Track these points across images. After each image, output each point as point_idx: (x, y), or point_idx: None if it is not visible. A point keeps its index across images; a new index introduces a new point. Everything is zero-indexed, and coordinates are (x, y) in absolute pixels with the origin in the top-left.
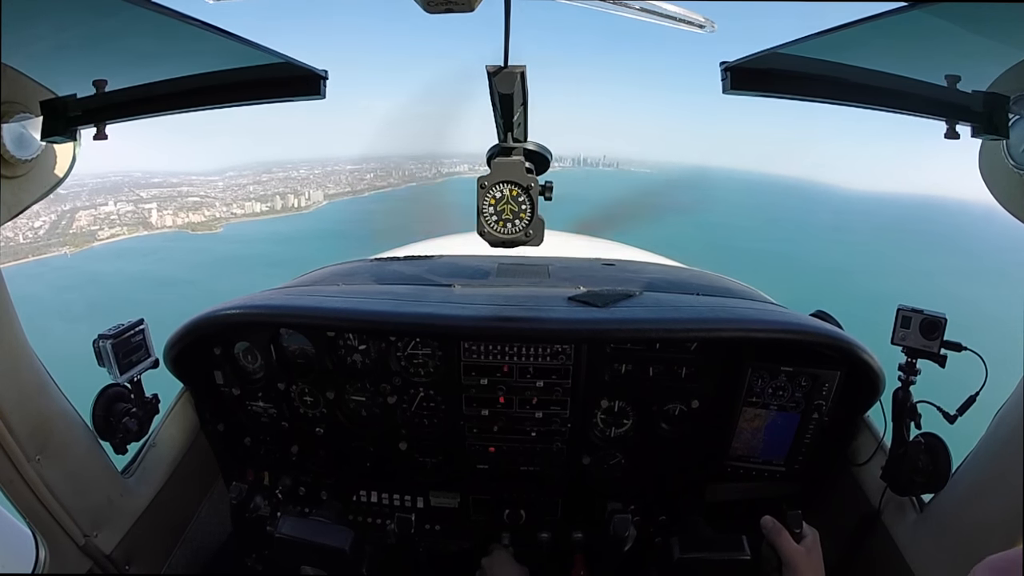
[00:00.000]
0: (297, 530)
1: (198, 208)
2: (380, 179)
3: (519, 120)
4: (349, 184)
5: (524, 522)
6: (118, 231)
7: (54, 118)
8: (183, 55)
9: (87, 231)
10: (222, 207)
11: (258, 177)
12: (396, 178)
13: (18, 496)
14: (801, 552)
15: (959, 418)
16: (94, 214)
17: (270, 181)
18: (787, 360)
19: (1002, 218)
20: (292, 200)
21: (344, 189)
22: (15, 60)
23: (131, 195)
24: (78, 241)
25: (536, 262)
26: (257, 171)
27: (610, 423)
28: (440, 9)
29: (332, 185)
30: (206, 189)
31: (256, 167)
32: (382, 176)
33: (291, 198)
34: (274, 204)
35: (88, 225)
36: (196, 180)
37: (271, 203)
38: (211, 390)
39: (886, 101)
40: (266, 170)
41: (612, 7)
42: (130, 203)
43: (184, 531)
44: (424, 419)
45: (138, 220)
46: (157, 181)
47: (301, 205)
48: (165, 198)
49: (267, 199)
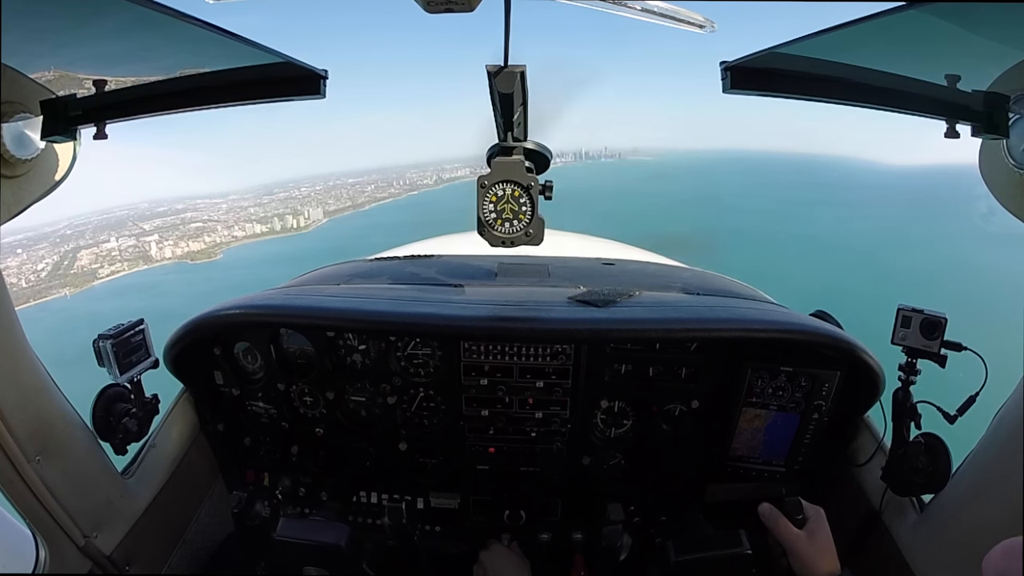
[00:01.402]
0: (295, 531)
1: (199, 235)
2: (381, 190)
3: (519, 120)
4: (350, 198)
5: (524, 523)
6: (119, 267)
7: (54, 118)
8: (183, 55)
9: (88, 270)
10: (223, 231)
11: (259, 199)
12: (397, 188)
13: (18, 497)
14: (802, 537)
15: (959, 418)
16: (96, 252)
17: (271, 202)
18: (787, 360)
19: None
20: (291, 221)
21: (345, 204)
22: (15, 60)
23: (134, 229)
24: (79, 281)
25: (536, 262)
26: (258, 193)
27: (610, 423)
28: (440, 9)
29: (333, 201)
30: (208, 213)
31: (257, 189)
32: (382, 187)
33: (289, 219)
34: (273, 225)
35: (90, 264)
36: (200, 204)
37: (270, 224)
38: (211, 390)
39: (886, 100)
40: (267, 192)
41: (612, 7)
42: (132, 237)
43: (184, 532)
44: (424, 419)
45: (138, 255)
46: (162, 210)
47: (301, 225)
48: (168, 228)
49: (266, 220)
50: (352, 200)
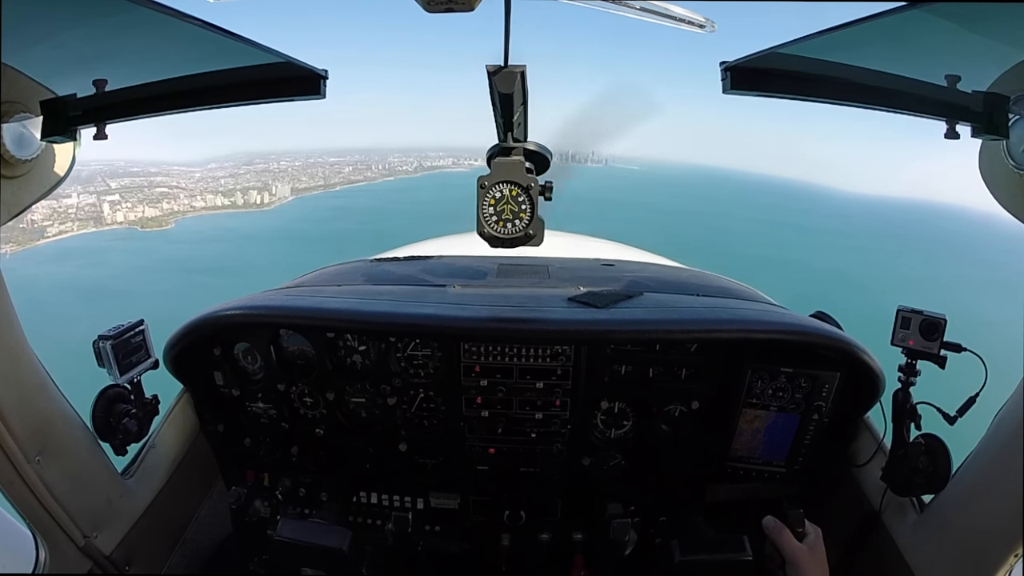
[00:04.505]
0: (295, 532)
1: (158, 201)
2: (358, 172)
3: (519, 120)
4: (324, 177)
5: (524, 523)
6: (68, 227)
7: (54, 118)
8: (183, 55)
9: (38, 227)
10: (185, 199)
11: (236, 169)
12: (374, 171)
13: (18, 497)
14: (803, 550)
15: (959, 419)
16: (54, 207)
17: (246, 174)
18: (787, 361)
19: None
20: (255, 196)
21: (317, 183)
22: (15, 60)
23: (100, 185)
24: (23, 239)
25: (536, 262)
26: (237, 163)
27: (610, 424)
28: (440, 9)
29: (306, 178)
30: (179, 180)
31: (238, 158)
32: (360, 169)
33: (253, 194)
34: (236, 199)
35: (42, 220)
36: (175, 171)
37: (233, 198)
38: (211, 391)
39: (886, 101)
40: (247, 162)
41: (612, 7)
42: (94, 195)
43: (184, 532)
44: (424, 420)
45: (91, 215)
46: (135, 170)
47: (264, 202)
48: (132, 189)
49: (231, 193)
50: (325, 180)
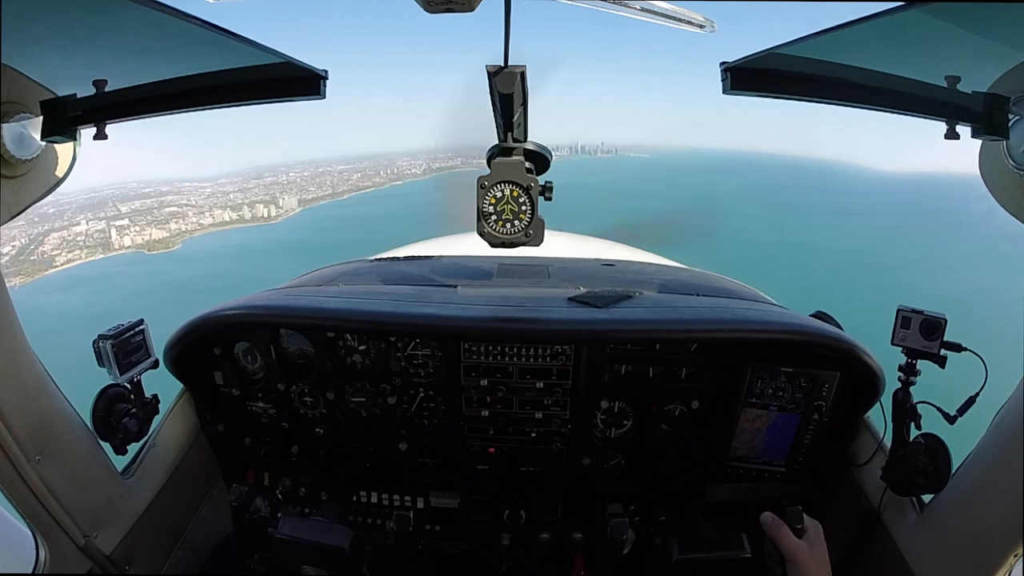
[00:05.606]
0: (296, 530)
1: (166, 222)
2: (365, 179)
3: (519, 120)
4: (332, 186)
5: (524, 523)
6: (76, 255)
7: (54, 118)
8: (183, 55)
9: (47, 256)
10: (193, 217)
11: (245, 183)
12: (382, 176)
13: (18, 496)
14: (803, 546)
15: (959, 419)
16: (64, 236)
17: (255, 187)
18: (787, 361)
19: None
20: (262, 210)
21: (324, 192)
22: (15, 60)
23: (111, 211)
24: (32, 270)
25: (536, 262)
26: (247, 176)
27: (610, 424)
28: (440, 9)
29: (314, 189)
30: (190, 197)
31: (248, 172)
32: (369, 175)
33: (260, 207)
34: (243, 213)
35: (51, 249)
36: (187, 187)
37: (241, 212)
38: (211, 390)
39: (886, 101)
40: (256, 175)
41: (612, 7)
42: (104, 220)
43: (184, 532)
44: (424, 420)
45: (99, 242)
46: (147, 191)
47: (271, 215)
48: (143, 211)
49: (239, 207)
50: (333, 188)
